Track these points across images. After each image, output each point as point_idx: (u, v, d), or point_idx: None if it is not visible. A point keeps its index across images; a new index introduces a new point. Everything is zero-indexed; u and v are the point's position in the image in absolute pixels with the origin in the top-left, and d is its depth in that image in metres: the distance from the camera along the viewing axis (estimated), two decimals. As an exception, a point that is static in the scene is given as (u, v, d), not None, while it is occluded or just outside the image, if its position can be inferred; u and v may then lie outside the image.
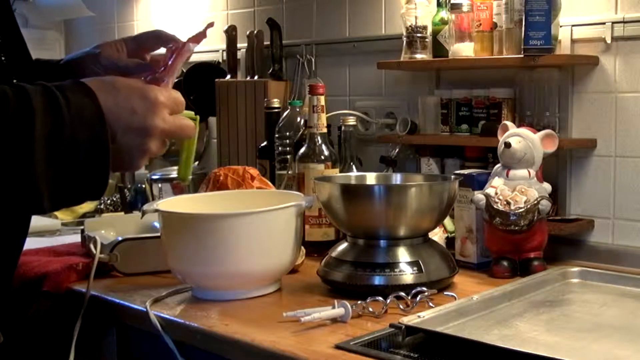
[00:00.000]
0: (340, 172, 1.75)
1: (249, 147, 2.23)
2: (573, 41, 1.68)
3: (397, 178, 1.61)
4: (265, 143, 2.03)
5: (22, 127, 0.79)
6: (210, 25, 1.06)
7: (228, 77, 2.36)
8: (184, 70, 2.52)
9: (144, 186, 2.22)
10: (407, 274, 1.35)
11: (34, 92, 0.82)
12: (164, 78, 0.98)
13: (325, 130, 1.72)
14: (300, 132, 1.88)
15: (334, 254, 1.43)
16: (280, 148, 1.92)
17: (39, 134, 0.80)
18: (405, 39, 1.86)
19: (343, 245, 1.44)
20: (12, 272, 1.19)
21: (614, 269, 1.55)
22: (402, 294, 1.28)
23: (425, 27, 1.85)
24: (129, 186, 2.32)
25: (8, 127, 0.79)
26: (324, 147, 1.71)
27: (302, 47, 2.24)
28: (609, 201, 1.67)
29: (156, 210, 1.39)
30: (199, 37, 1.04)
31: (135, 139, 0.89)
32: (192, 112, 1.01)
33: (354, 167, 1.82)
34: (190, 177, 1.09)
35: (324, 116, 1.71)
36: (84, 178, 0.85)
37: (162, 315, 1.29)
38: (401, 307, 1.27)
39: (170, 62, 1.00)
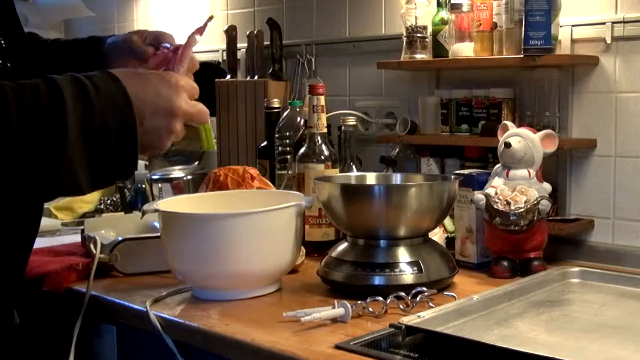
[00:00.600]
0: (340, 172, 1.75)
1: (249, 147, 2.22)
2: (573, 41, 1.68)
3: (397, 178, 1.61)
4: (265, 143, 2.03)
5: (56, 116, 0.85)
6: (211, 18, 1.12)
7: (228, 77, 2.36)
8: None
9: (144, 186, 2.22)
10: (407, 274, 1.35)
11: (64, 82, 0.88)
12: (178, 68, 1.06)
13: (325, 130, 1.72)
14: (300, 132, 1.88)
15: (334, 254, 1.43)
16: (280, 148, 1.92)
17: (72, 121, 0.86)
18: (405, 39, 1.86)
19: (343, 245, 1.44)
20: (23, 270, 1.20)
21: (614, 269, 1.55)
22: (402, 294, 1.28)
23: (425, 27, 1.85)
24: (129, 186, 2.32)
25: (42, 118, 0.84)
26: (324, 147, 1.71)
27: (302, 47, 2.24)
28: (609, 201, 1.67)
29: (156, 210, 1.39)
30: (201, 29, 1.12)
31: (162, 120, 0.95)
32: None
33: (354, 167, 1.82)
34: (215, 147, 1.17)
35: (324, 116, 1.71)
36: (116, 160, 0.91)
37: (162, 315, 1.29)
38: (401, 307, 1.27)
39: (180, 53, 1.08)
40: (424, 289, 1.31)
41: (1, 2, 1.13)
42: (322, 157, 1.70)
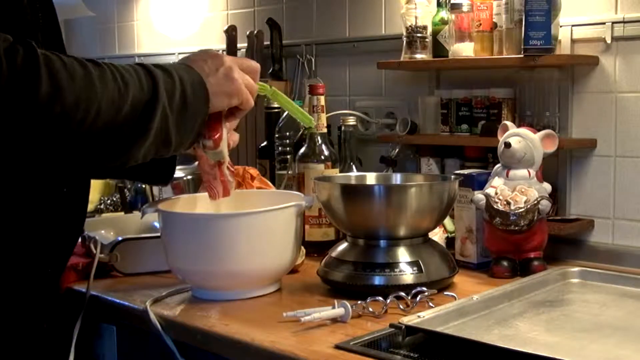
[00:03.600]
0: (340, 172, 1.75)
1: (249, 147, 2.22)
2: (573, 41, 1.68)
3: (397, 178, 1.61)
4: (265, 143, 2.03)
5: (153, 85, 1.04)
6: None
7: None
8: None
9: (144, 186, 2.22)
10: (407, 274, 1.35)
11: (152, 65, 1.07)
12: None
13: (325, 130, 1.72)
14: (300, 132, 1.88)
15: (334, 254, 1.43)
16: (280, 148, 1.92)
17: (161, 80, 1.05)
18: (405, 39, 1.86)
19: (343, 245, 1.44)
20: (63, 270, 1.23)
21: (614, 269, 1.55)
22: (402, 294, 1.28)
23: (425, 27, 1.85)
24: (129, 186, 2.32)
25: (145, 86, 1.03)
26: (324, 147, 1.71)
27: (302, 47, 2.24)
28: (609, 201, 1.67)
29: (156, 210, 1.39)
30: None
31: (219, 70, 1.14)
32: (262, 83, 1.30)
33: (354, 167, 1.82)
34: (313, 122, 1.40)
35: (324, 116, 1.71)
36: (194, 106, 1.08)
37: (162, 315, 1.29)
38: (401, 307, 1.27)
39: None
40: (424, 289, 1.31)
41: (50, 22, 1.17)
42: (322, 157, 1.70)
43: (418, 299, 1.28)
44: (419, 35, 1.84)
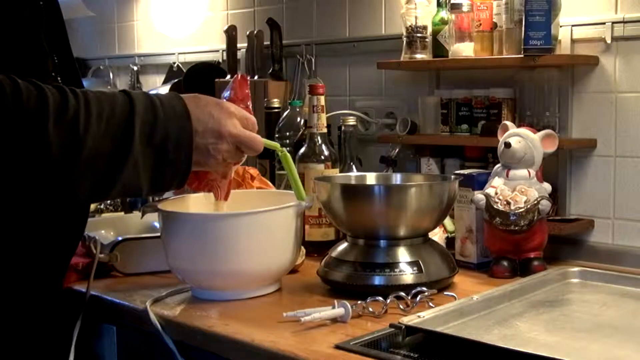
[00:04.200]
0: (340, 172, 1.75)
1: (249, 147, 2.22)
2: (573, 41, 1.68)
3: (397, 178, 1.61)
4: (265, 143, 2.03)
5: (127, 121, 0.98)
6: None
7: (228, 77, 2.36)
8: (184, 70, 2.52)
9: (144, 186, 2.22)
10: (407, 274, 1.35)
11: (137, 95, 1.03)
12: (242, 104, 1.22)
13: (325, 130, 1.72)
14: (300, 132, 1.88)
15: (334, 254, 1.43)
16: (280, 148, 1.92)
17: (139, 126, 0.99)
18: (405, 39, 1.86)
19: (343, 245, 1.44)
20: (64, 273, 1.24)
21: (614, 269, 1.55)
22: (402, 294, 1.28)
23: (425, 27, 1.85)
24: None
25: (116, 121, 0.98)
26: (324, 147, 1.71)
27: (302, 47, 2.24)
28: (609, 201, 1.67)
29: (156, 210, 1.39)
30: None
31: (210, 139, 1.07)
32: (277, 144, 1.35)
33: (354, 167, 1.82)
34: (307, 197, 1.38)
35: (324, 116, 1.71)
36: (172, 166, 1.03)
37: (162, 315, 1.29)
38: (401, 307, 1.27)
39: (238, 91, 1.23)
40: (424, 289, 1.31)
41: (54, 21, 1.18)
42: (322, 157, 1.70)
43: (418, 299, 1.28)
44: (419, 35, 1.85)
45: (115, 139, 0.97)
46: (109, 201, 2.29)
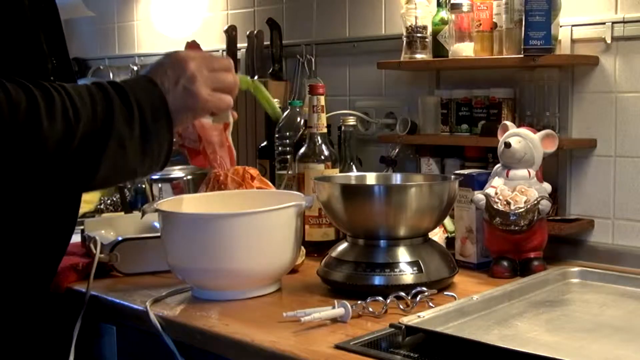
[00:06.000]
0: (340, 172, 1.75)
1: (249, 147, 2.22)
2: (573, 41, 1.68)
3: (397, 178, 1.61)
4: (265, 143, 2.03)
5: (106, 101, 1.00)
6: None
7: (228, 77, 2.36)
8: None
9: (144, 186, 2.22)
10: (407, 274, 1.35)
11: (102, 81, 1.04)
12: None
13: (325, 130, 1.72)
14: (300, 132, 1.88)
15: (334, 254, 1.43)
16: (280, 148, 1.92)
17: (117, 108, 1.00)
18: (405, 39, 1.86)
19: (343, 245, 1.44)
20: (57, 267, 1.23)
21: (614, 269, 1.55)
22: (402, 294, 1.28)
23: (425, 27, 1.85)
24: (129, 186, 2.32)
25: (99, 104, 1.00)
26: (324, 147, 1.71)
27: (302, 47, 2.24)
28: (609, 201, 1.67)
29: (156, 210, 1.39)
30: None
31: (178, 89, 1.07)
32: (245, 77, 1.34)
33: (354, 167, 1.82)
34: (280, 114, 1.47)
35: (324, 116, 1.71)
36: (157, 133, 1.04)
37: (162, 315, 1.29)
38: (401, 307, 1.27)
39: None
40: (424, 289, 1.31)
41: (53, 23, 1.18)
42: (322, 157, 1.70)
43: (418, 299, 1.28)
44: (419, 35, 1.84)
45: (99, 121, 0.98)
46: (109, 201, 2.29)
